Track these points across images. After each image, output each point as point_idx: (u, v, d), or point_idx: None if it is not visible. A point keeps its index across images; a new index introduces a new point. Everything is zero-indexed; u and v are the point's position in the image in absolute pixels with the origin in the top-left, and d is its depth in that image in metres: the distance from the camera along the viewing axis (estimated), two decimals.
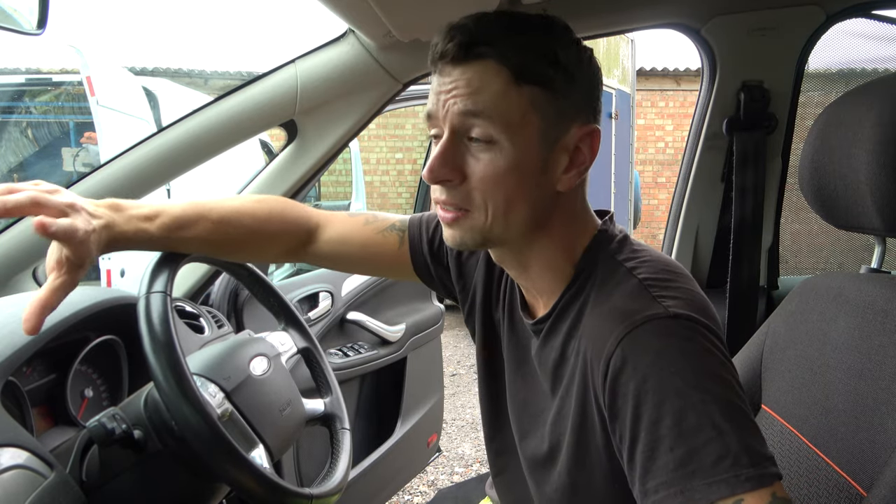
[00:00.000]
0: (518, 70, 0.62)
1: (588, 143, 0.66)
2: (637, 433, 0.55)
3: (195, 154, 1.13)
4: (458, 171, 0.64)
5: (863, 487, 0.66)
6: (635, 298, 0.61)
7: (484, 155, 0.63)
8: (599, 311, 0.63)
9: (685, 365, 0.56)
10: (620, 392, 0.57)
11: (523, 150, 0.63)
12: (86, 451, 0.78)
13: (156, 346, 0.70)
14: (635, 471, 0.56)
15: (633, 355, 0.57)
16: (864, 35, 1.27)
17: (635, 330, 0.58)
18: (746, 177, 1.28)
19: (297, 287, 1.59)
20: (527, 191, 0.64)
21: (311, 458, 1.56)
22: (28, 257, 1.08)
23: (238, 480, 0.72)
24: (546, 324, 0.71)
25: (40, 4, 0.86)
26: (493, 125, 0.62)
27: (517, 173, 0.63)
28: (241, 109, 1.12)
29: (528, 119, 0.62)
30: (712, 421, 0.53)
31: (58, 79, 4.68)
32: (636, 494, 0.57)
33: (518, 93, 0.62)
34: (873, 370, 0.70)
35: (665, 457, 0.53)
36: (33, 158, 4.81)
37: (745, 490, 0.50)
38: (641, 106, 8.26)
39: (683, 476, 0.52)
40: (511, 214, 0.65)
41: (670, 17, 1.25)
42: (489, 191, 0.63)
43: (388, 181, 8.40)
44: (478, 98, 0.62)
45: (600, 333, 0.61)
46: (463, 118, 0.63)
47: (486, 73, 0.62)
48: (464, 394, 4.05)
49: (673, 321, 0.58)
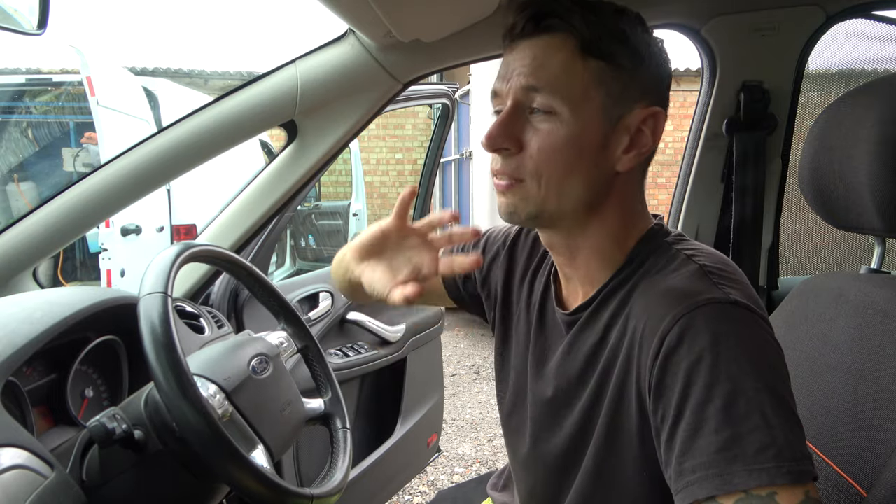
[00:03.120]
0: (585, 43, 0.62)
1: (651, 126, 0.66)
2: (682, 412, 0.55)
3: (195, 154, 1.13)
4: (515, 140, 0.64)
5: (863, 487, 0.66)
6: (696, 282, 0.61)
7: (544, 125, 0.63)
8: (654, 290, 0.63)
9: (742, 351, 0.55)
10: (671, 370, 0.57)
11: (584, 123, 0.63)
12: (86, 451, 0.78)
13: (156, 347, 0.70)
14: (673, 449, 0.56)
15: (691, 334, 0.56)
16: (864, 35, 1.27)
17: (696, 310, 0.57)
18: (746, 177, 1.28)
19: (297, 287, 1.59)
20: (584, 165, 0.64)
21: (311, 458, 1.56)
22: (28, 257, 1.08)
23: (238, 481, 0.72)
24: (585, 312, 0.71)
25: (40, 4, 0.86)
26: (554, 97, 0.62)
27: (576, 146, 0.63)
28: (241, 109, 1.12)
29: (590, 94, 0.63)
30: (762, 410, 0.53)
31: (58, 79, 4.67)
32: (670, 474, 0.56)
33: (584, 66, 0.62)
34: (873, 370, 0.70)
35: (708, 438, 0.53)
36: (33, 158, 4.82)
37: (783, 483, 0.50)
38: None
39: (724, 460, 0.52)
40: (566, 188, 0.65)
41: (670, 17, 1.25)
42: (545, 161, 0.63)
43: (388, 181, 8.40)
44: (541, 73, 0.62)
45: (655, 312, 0.60)
46: (525, 92, 0.63)
47: (551, 46, 0.62)
48: (464, 394, 4.05)
49: (734, 307, 0.58)
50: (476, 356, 4.91)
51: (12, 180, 4.71)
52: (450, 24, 1.02)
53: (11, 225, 1.06)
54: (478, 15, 1.02)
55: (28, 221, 1.07)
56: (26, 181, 4.77)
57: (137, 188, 1.12)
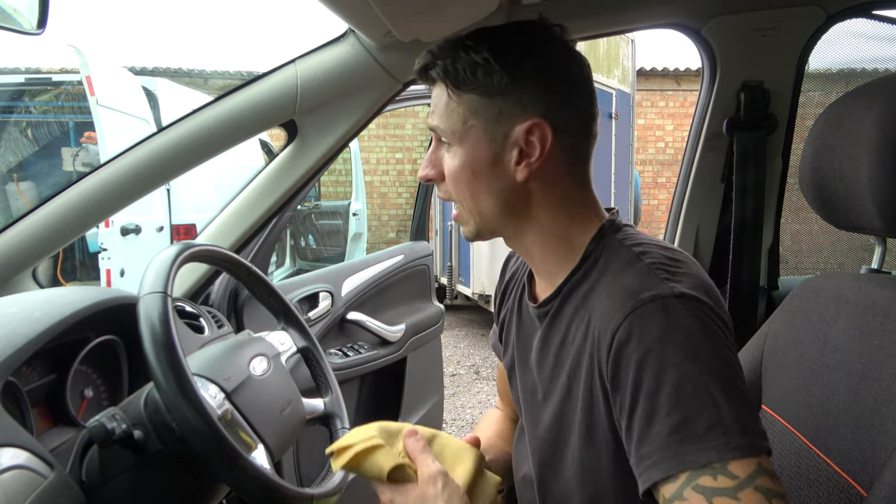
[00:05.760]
0: (454, 83, 0.71)
1: (538, 136, 0.70)
2: (636, 402, 0.60)
3: (195, 154, 1.13)
4: (438, 170, 0.75)
5: (863, 488, 0.66)
6: (643, 280, 0.65)
7: (446, 156, 0.74)
8: (609, 291, 0.68)
9: (686, 340, 0.60)
10: (623, 364, 0.61)
11: (470, 149, 0.72)
12: (86, 451, 0.78)
13: (156, 347, 0.70)
14: (632, 438, 0.61)
15: (639, 330, 0.61)
16: (865, 35, 1.27)
17: (642, 307, 0.62)
18: (747, 177, 1.28)
19: (297, 287, 1.59)
20: (483, 183, 0.73)
21: (311, 458, 1.56)
22: (28, 257, 1.08)
23: (238, 481, 0.72)
24: (552, 305, 0.76)
25: (40, 4, 0.86)
26: (444, 132, 0.73)
27: (468, 169, 0.72)
28: (241, 109, 1.12)
29: (469, 123, 0.71)
30: (709, 392, 0.57)
31: (58, 78, 4.67)
32: (632, 462, 0.61)
33: (458, 101, 0.71)
34: (874, 370, 0.70)
35: (661, 424, 0.58)
36: (33, 158, 4.82)
37: (734, 457, 0.55)
38: (641, 106, 8.26)
39: (677, 441, 0.57)
40: (479, 205, 0.74)
41: (670, 17, 1.25)
42: (454, 186, 0.74)
43: (388, 181, 8.40)
44: (434, 114, 0.74)
45: (608, 310, 0.65)
46: (433, 129, 0.75)
47: (439, 92, 0.73)
48: (464, 394, 4.05)
49: (678, 300, 0.62)
50: (476, 356, 4.92)
51: (12, 180, 4.71)
52: (450, 24, 1.02)
53: (11, 225, 1.06)
54: (478, 15, 1.02)
55: (28, 221, 1.07)
56: (26, 181, 4.77)
57: (137, 188, 1.11)
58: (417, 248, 2.00)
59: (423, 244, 2.05)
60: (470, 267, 5.31)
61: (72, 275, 4.76)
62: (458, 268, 5.67)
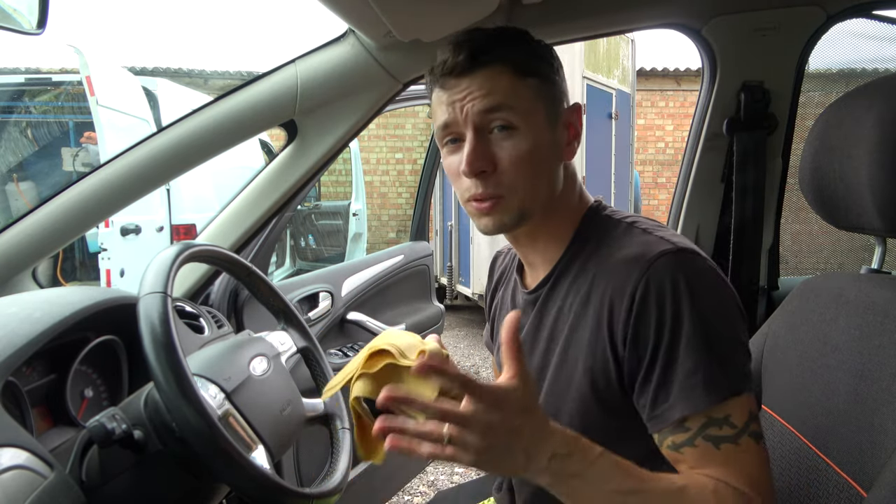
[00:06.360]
0: (519, 67, 0.73)
1: (576, 117, 0.80)
2: (656, 355, 0.66)
3: (195, 154, 1.13)
4: (490, 161, 0.73)
5: (863, 488, 0.66)
6: (644, 242, 0.72)
7: (507, 142, 0.73)
8: (614, 259, 0.72)
9: (702, 289, 0.67)
10: (644, 320, 0.67)
11: (537, 131, 0.74)
12: (86, 452, 0.78)
13: (156, 347, 0.70)
14: (650, 385, 0.67)
15: (654, 288, 0.67)
16: (865, 35, 1.27)
17: (653, 266, 0.68)
18: (747, 177, 1.28)
19: (297, 287, 1.59)
20: (545, 166, 0.76)
21: (311, 458, 1.56)
22: (28, 257, 1.08)
23: (238, 481, 0.72)
24: (545, 288, 0.80)
25: (40, 4, 0.86)
26: (513, 113, 0.72)
27: (536, 152, 0.74)
28: (241, 109, 1.12)
29: (536, 105, 0.74)
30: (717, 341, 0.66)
31: (58, 79, 4.66)
32: (647, 408, 0.67)
33: (524, 85, 0.73)
34: (874, 371, 0.70)
35: (678, 370, 0.65)
36: (33, 158, 4.82)
37: (733, 395, 0.65)
38: (641, 106, 8.25)
39: (690, 385, 0.64)
40: (538, 189, 0.75)
41: (670, 17, 1.25)
42: (519, 172, 0.73)
43: (388, 181, 8.40)
44: (495, 96, 0.72)
45: (620, 275, 0.70)
46: (483, 115, 0.72)
47: (493, 76, 0.72)
48: None
49: (682, 253, 0.69)
50: (476, 356, 4.92)
51: (12, 180, 4.71)
52: (450, 24, 1.02)
53: (11, 225, 1.06)
54: (478, 15, 1.02)
55: (28, 221, 1.07)
56: (26, 181, 4.77)
57: (137, 188, 1.11)
58: (417, 248, 2.00)
59: (423, 244, 2.05)
60: (470, 267, 5.31)
61: (72, 275, 4.76)
62: (458, 268, 5.67)
